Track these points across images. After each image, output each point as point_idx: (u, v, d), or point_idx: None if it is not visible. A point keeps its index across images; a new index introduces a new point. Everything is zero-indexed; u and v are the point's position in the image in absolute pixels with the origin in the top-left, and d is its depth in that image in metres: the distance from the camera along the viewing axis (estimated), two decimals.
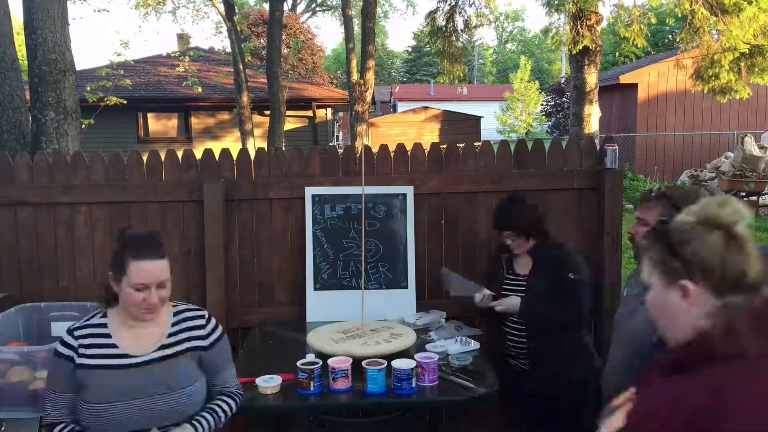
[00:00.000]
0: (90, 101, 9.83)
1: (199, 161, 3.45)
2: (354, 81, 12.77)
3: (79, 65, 5.38)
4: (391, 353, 2.56)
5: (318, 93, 17.99)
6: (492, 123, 30.67)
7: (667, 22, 30.36)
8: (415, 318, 3.16)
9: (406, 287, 3.37)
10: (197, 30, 39.34)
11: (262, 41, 23.36)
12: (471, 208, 3.51)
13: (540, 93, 32.48)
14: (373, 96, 14.65)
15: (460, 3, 10.09)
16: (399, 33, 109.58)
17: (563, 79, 26.20)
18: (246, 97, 12.88)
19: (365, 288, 3.20)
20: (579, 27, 8.23)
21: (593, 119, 8.86)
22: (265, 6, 24.16)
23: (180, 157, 3.45)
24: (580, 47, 8.31)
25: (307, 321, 3.29)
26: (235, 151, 3.52)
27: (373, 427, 2.85)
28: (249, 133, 12.90)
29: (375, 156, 3.51)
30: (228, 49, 16.52)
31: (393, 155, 3.51)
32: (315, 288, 3.36)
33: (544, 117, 29.28)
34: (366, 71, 12.46)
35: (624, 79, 16.03)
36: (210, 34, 69.85)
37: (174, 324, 2.10)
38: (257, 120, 15.08)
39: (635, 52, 8.70)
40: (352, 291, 3.32)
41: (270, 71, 11.88)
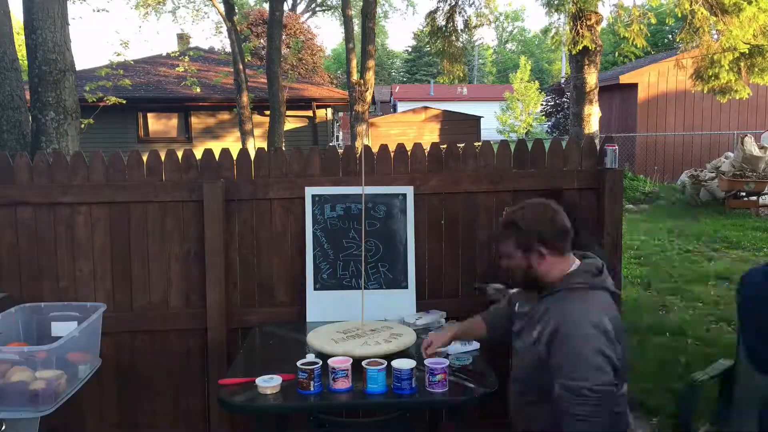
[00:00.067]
0: (90, 101, 9.83)
1: (199, 161, 3.45)
2: (354, 81, 12.78)
3: (79, 65, 5.38)
4: (391, 353, 2.56)
5: (318, 93, 18.00)
6: (492, 123, 30.68)
7: (667, 22, 30.37)
8: (415, 318, 3.16)
9: (406, 287, 3.37)
10: (197, 30, 39.35)
11: (262, 41, 23.36)
12: (471, 208, 3.51)
13: (540, 93, 32.50)
14: (373, 96, 14.66)
15: (460, 3, 10.07)
16: (399, 33, 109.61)
17: (563, 79, 26.21)
18: (246, 97, 12.88)
19: (365, 288, 3.20)
20: (579, 27, 8.21)
21: (593, 119, 8.84)
22: (265, 6, 24.16)
23: (180, 157, 3.45)
24: (580, 47, 8.30)
25: (307, 321, 3.29)
26: (235, 151, 3.52)
27: (373, 427, 2.85)
28: (249, 133, 12.91)
29: (375, 156, 3.51)
30: (228, 49, 16.53)
31: (393, 155, 3.51)
32: (315, 288, 3.36)
33: (544, 117, 29.29)
34: (366, 71, 12.47)
35: (624, 79, 16.03)
36: (210, 34, 69.91)
37: None
38: (257, 120, 15.08)
39: (635, 52, 8.69)
40: (352, 291, 3.32)
41: (270, 71, 11.89)
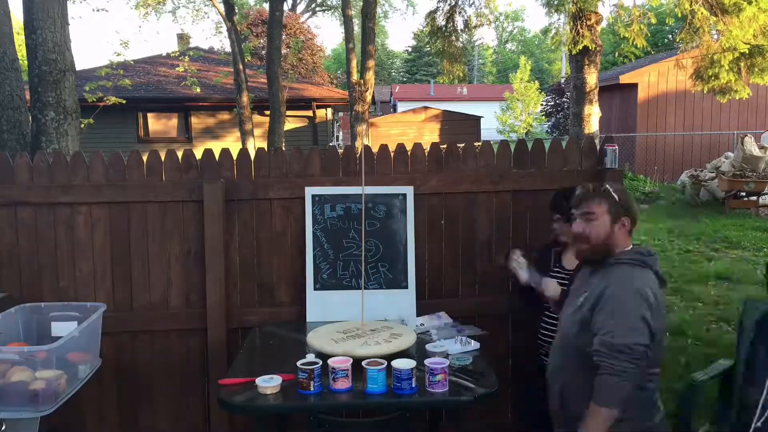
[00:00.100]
0: (90, 101, 9.83)
1: (199, 161, 3.45)
2: (354, 81, 12.77)
3: (79, 65, 5.38)
4: (391, 353, 2.57)
5: (318, 93, 18.00)
6: (492, 123, 30.67)
7: (667, 22, 30.35)
8: (419, 323, 3.15)
9: (406, 287, 3.37)
10: (197, 30, 39.31)
11: (262, 41, 23.35)
12: (471, 208, 3.51)
13: (540, 93, 32.48)
14: (373, 96, 14.65)
15: (460, 3, 10.06)
16: (399, 33, 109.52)
17: (563, 79, 26.20)
18: (246, 97, 12.88)
19: (365, 288, 3.20)
20: (579, 27, 8.20)
21: (593, 119, 8.83)
22: (265, 6, 24.17)
23: (180, 157, 3.44)
24: (580, 47, 8.29)
25: (307, 321, 3.29)
26: (235, 151, 3.52)
27: (373, 427, 2.84)
28: (249, 133, 12.90)
29: (375, 156, 3.50)
30: (228, 49, 16.52)
31: (393, 155, 3.51)
32: (315, 288, 3.36)
33: (544, 117, 29.29)
34: (366, 71, 12.46)
35: (624, 79, 16.03)
36: (210, 34, 69.80)
37: None
38: (257, 120, 15.08)
39: (635, 52, 8.67)
40: (352, 291, 3.32)
41: (270, 71, 11.88)
